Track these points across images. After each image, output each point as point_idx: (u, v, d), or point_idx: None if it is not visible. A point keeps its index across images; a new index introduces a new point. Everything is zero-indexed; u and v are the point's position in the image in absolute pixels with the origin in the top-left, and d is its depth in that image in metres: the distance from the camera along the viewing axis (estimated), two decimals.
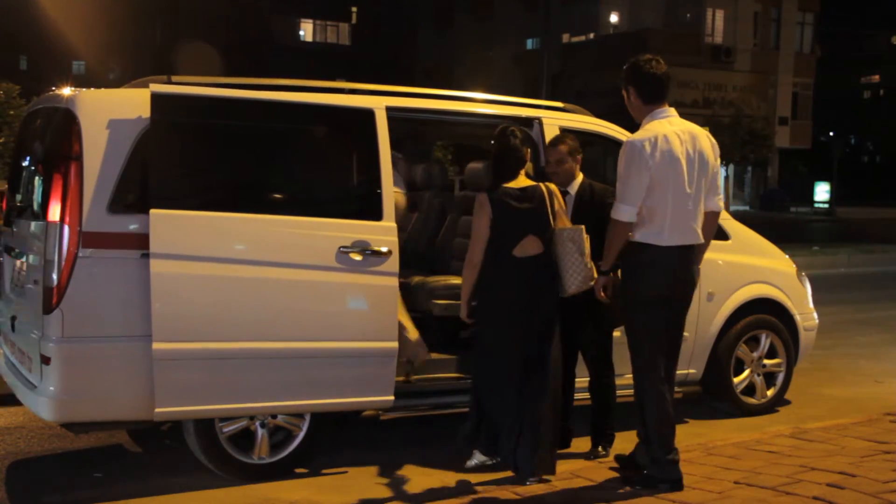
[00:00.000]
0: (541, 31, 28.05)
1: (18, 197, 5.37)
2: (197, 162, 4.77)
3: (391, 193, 4.90)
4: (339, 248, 4.67)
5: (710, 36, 38.96)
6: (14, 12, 38.86)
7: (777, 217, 33.47)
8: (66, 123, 4.49)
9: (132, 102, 4.57)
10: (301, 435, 4.84)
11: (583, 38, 41.06)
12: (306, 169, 5.10)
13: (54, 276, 4.32)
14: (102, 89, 4.79)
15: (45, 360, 4.37)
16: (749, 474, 4.43)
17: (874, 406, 6.33)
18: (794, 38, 41.73)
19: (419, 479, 4.81)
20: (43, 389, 4.41)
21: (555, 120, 5.66)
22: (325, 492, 4.61)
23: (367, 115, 4.92)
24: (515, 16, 42.00)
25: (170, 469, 4.92)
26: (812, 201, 42.01)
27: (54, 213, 4.38)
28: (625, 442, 5.52)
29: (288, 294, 4.60)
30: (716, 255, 6.00)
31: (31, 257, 4.77)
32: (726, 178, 36.77)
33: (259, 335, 4.54)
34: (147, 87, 4.54)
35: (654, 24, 38.42)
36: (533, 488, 4.31)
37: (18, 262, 5.07)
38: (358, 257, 4.71)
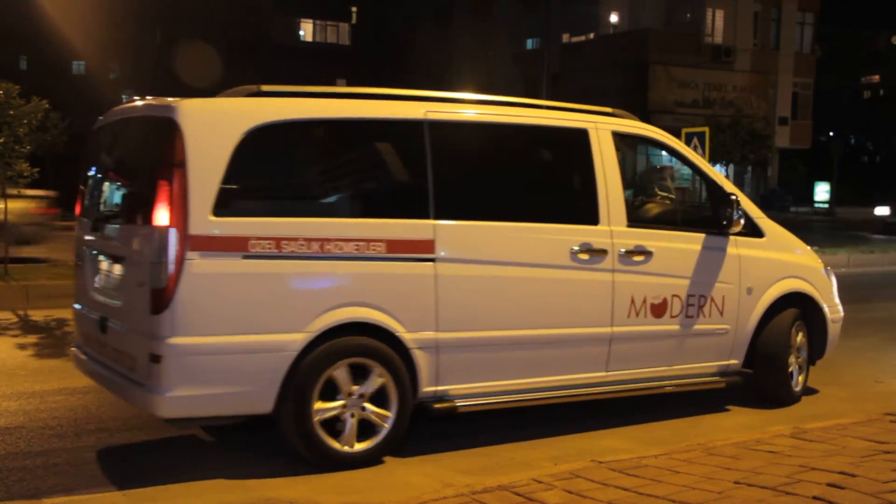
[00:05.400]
0: (541, 31, 28.04)
1: (104, 203, 5.56)
2: (293, 170, 5.25)
3: (605, 201, 5.70)
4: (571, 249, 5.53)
5: (710, 36, 38.96)
6: (14, 12, 38.84)
7: (777, 217, 33.25)
8: (168, 132, 4.66)
9: (230, 110, 4.87)
10: (388, 427, 5.04)
11: (583, 38, 41.06)
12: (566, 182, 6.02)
13: (163, 278, 4.54)
14: (200, 98, 4.97)
15: (155, 359, 4.56)
16: (749, 474, 4.43)
17: (874, 406, 6.34)
18: (794, 38, 41.73)
19: (420, 478, 4.81)
20: (153, 387, 4.60)
21: (608, 125, 5.95)
22: (325, 492, 4.61)
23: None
24: (515, 16, 42.00)
25: (170, 469, 4.92)
26: (812, 201, 41.99)
27: (161, 217, 4.57)
28: (629, 442, 5.52)
29: (532, 289, 5.42)
30: (753, 251, 6.39)
31: (132, 260, 4.92)
32: (726, 177, 36.75)
33: (514, 325, 5.40)
34: (241, 95, 4.93)
35: (654, 24, 38.42)
36: (533, 487, 4.31)
37: (106, 265, 5.26)
38: (585, 256, 5.55)
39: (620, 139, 5.97)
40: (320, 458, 4.89)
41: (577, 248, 5.57)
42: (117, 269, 5.11)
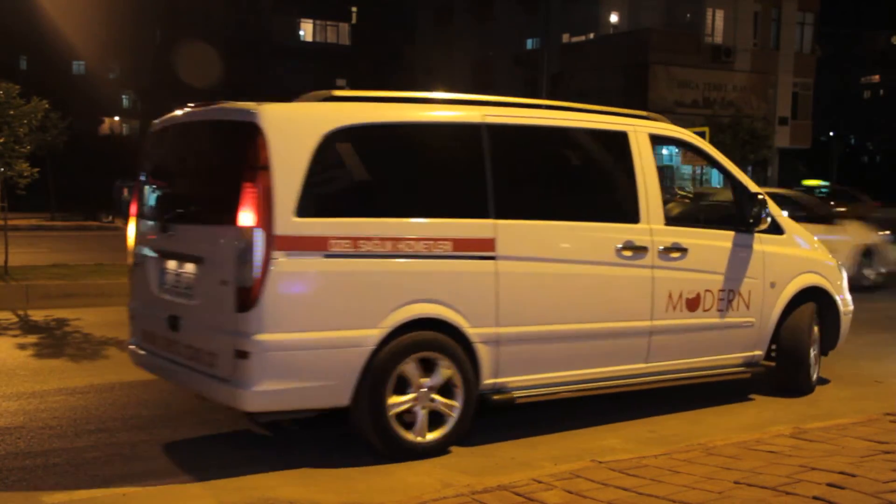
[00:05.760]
0: (541, 31, 28.05)
1: (173, 204, 5.59)
2: (366, 171, 5.27)
3: (645, 200, 5.95)
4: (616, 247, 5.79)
5: (710, 36, 38.92)
6: (14, 12, 38.85)
7: None
8: (252, 136, 4.79)
9: (308, 114, 5.06)
10: (455, 418, 5.22)
11: (583, 38, 41.05)
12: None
13: (249, 277, 4.68)
14: (280, 103, 5.07)
15: (242, 355, 4.71)
16: (749, 474, 4.43)
17: (874, 406, 6.34)
18: (794, 38, 41.69)
19: (420, 478, 4.81)
20: (239, 382, 4.74)
21: (645, 128, 6.22)
22: (325, 491, 4.61)
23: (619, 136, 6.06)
24: (515, 16, 41.99)
25: (170, 469, 4.94)
26: None
27: (247, 219, 4.71)
28: (629, 442, 5.52)
29: (581, 285, 5.67)
30: (775, 248, 6.70)
31: (213, 260, 5.01)
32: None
33: (566, 319, 5.63)
34: (315, 100, 5.10)
35: (655, 24, 38.40)
36: (533, 487, 4.31)
37: (174, 265, 5.36)
38: (628, 253, 5.81)
39: (655, 141, 6.21)
40: (393, 449, 5.07)
41: (620, 245, 5.82)
42: (190, 268, 5.21)
